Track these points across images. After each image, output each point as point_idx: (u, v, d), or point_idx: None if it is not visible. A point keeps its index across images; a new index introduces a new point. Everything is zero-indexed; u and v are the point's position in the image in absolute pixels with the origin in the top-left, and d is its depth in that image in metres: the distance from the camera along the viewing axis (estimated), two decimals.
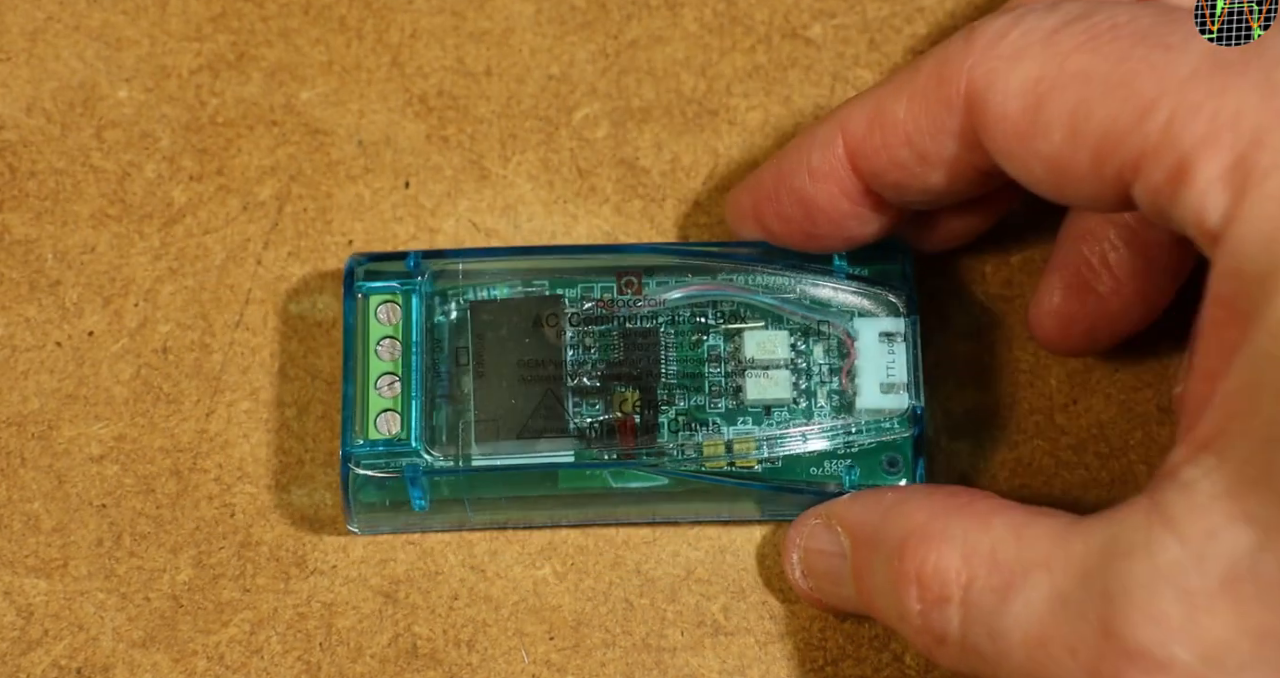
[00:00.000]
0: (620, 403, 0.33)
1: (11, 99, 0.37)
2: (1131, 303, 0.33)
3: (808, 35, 0.37)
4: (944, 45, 0.30)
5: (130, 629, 0.33)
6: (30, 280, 0.35)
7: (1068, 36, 0.27)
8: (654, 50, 0.37)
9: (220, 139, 0.36)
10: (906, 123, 0.30)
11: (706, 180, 0.36)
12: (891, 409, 0.33)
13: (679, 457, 0.33)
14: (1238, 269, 0.25)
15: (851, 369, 0.33)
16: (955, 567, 0.28)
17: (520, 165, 0.36)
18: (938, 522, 0.29)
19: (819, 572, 0.32)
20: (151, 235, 0.36)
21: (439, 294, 0.34)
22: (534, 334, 0.33)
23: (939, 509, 0.29)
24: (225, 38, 0.37)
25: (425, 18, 0.37)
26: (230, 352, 0.35)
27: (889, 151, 0.31)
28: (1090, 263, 0.33)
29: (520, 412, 0.33)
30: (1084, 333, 0.33)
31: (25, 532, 0.34)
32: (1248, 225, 0.25)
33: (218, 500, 0.34)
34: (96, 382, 0.35)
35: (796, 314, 0.34)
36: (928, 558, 0.28)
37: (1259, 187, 0.24)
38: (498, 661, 0.33)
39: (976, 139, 0.29)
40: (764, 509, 0.34)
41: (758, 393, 0.33)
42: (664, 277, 0.34)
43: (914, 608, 0.29)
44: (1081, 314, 0.33)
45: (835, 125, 0.32)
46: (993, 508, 0.29)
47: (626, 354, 0.33)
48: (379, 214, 0.36)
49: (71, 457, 0.34)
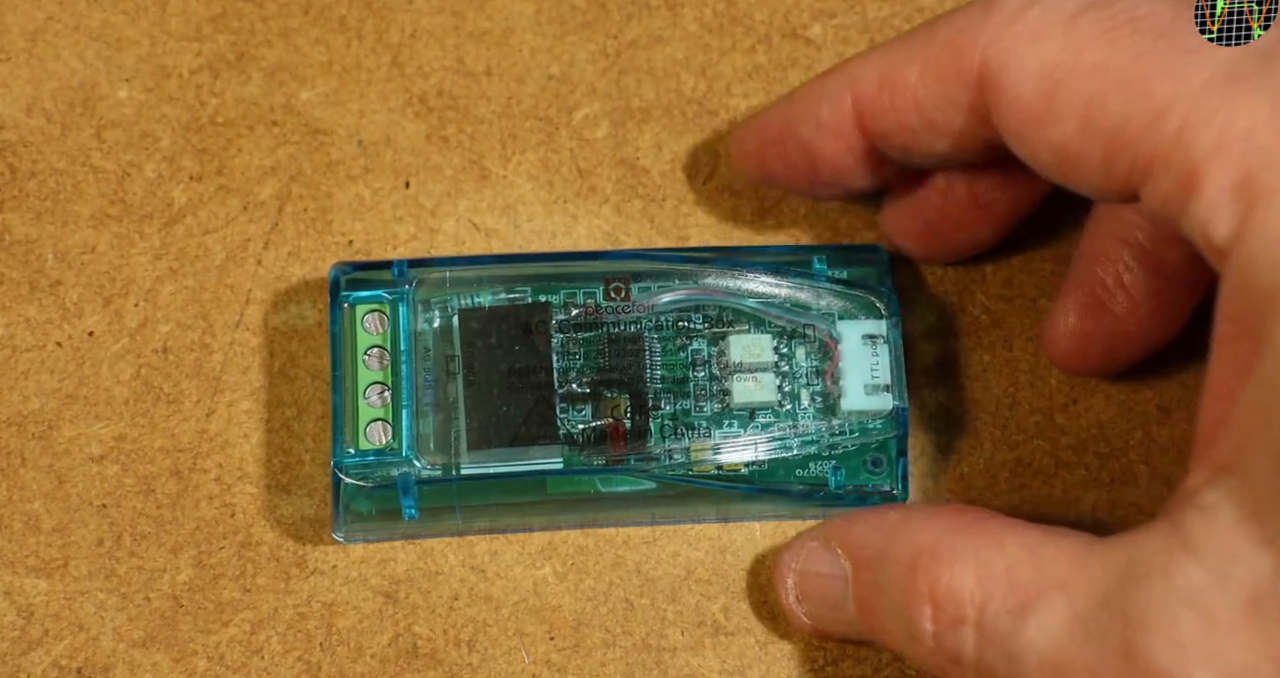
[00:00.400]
0: (611, 409, 0.33)
1: (11, 99, 0.37)
2: (1148, 323, 0.33)
3: (808, 35, 0.37)
4: (961, 13, 0.30)
5: (130, 629, 0.33)
6: (30, 280, 0.35)
7: (1088, 23, 0.27)
8: (654, 50, 0.37)
9: (220, 139, 0.36)
10: (917, 89, 0.30)
11: (706, 180, 0.36)
12: (876, 410, 0.33)
13: (667, 461, 0.33)
14: (1246, 286, 0.25)
15: (835, 372, 0.33)
16: (970, 587, 0.28)
17: (520, 165, 0.36)
18: (948, 540, 0.28)
19: (816, 596, 0.32)
20: (152, 235, 0.36)
21: (422, 302, 0.34)
22: (523, 341, 0.33)
23: (948, 528, 0.29)
24: (225, 38, 0.37)
25: (425, 18, 0.37)
26: (230, 352, 0.35)
27: (897, 114, 0.31)
28: (1105, 283, 0.33)
29: (512, 419, 0.33)
30: (1102, 353, 0.33)
31: (25, 532, 0.34)
32: (1255, 243, 0.25)
33: (218, 501, 0.34)
34: (97, 382, 0.35)
35: (780, 318, 0.34)
36: (940, 578, 0.28)
37: (1268, 205, 0.24)
38: (498, 661, 0.33)
39: (987, 114, 0.29)
40: (751, 512, 0.34)
41: (744, 396, 0.33)
42: (648, 282, 0.34)
43: (927, 629, 0.28)
44: (1098, 334, 0.33)
45: (845, 80, 0.32)
46: (1004, 527, 0.28)
47: (614, 360, 0.33)
48: (379, 214, 0.36)
49: (72, 457, 0.34)
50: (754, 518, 0.34)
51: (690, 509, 0.34)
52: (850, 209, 0.36)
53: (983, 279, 0.36)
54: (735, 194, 0.36)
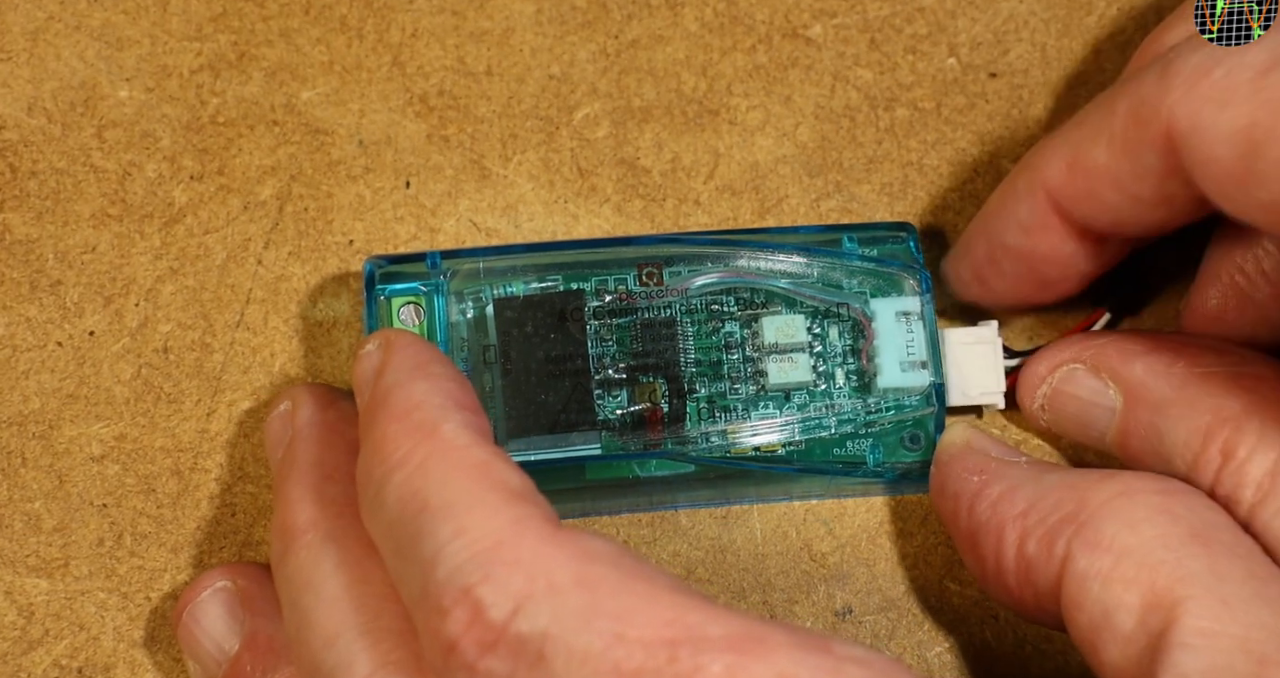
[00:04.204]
0: (648, 393, 0.33)
1: (12, 99, 0.37)
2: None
3: (808, 35, 0.37)
4: (1135, 82, 0.29)
5: (131, 629, 0.34)
6: (31, 280, 0.35)
7: (1278, 80, 0.26)
8: (654, 50, 0.37)
9: (221, 139, 0.36)
10: (1110, 168, 0.29)
11: (707, 180, 0.36)
12: (912, 387, 0.33)
13: (704, 444, 0.33)
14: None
15: (870, 349, 0.33)
16: (1268, 469, 0.28)
17: (521, 165, 0.36)
18: (1255, 418, 0.29)
19: (1068, 414, 0.32)
20: (152, 235, 0.36)
21: (455, 293, 0.34)
22: (558, 329, 0.33)
23: (1252, 406, 0.29)
24: (226, 37, 0.37)
25: (426, 17, 0.37)
26: (231, 352, 0.35)
27: (1098, 197, 0.30)
28: (1245, 271, 0.32)
29: (551, 406, 0.33)
30: (1245, 342, 0.33)
31: (26, 532, 0.34)
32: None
33: (219, 500, 0.34)
34: (97, 382, 0.35)
35: (813, 298, 0.34)
36: (1238, 451, 0.29)
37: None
38: None
39: (1188, 178, 0.28)
40: (790, 491, 0.34)
41: (780, 377, 0.33)
42: (680, 266, 0.34)
43: (1205, 481, 0.29)
44: (1240, 323, 0.33)
45: (1033, 175, 0.31)
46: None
47: (648, 345, 0.33)
48: (380, 214, 0.36)
49: (72, 456, 0.34)
50: (793, 498, 0.34)
51: (729, 491, 0.34)
52: (851, 209, 0.36)
53: None
54: (735, 194, 0.36)
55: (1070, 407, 0.32)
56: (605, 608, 0.24)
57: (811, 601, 0.34)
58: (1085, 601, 0.28)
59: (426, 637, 0.25)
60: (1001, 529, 0.30)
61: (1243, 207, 0.27)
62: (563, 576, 0.24)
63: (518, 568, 0.24)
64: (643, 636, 0.24)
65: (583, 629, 0.24)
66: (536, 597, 0.24)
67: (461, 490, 0.25)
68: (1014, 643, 0.34)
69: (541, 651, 0.24)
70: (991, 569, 0.30)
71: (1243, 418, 0.29)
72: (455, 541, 0.25)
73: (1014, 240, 0.32)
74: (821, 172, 0.36)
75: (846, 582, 0.34)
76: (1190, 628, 0.26)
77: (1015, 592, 0.30)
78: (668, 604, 0.24)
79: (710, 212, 0.36)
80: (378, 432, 0.27)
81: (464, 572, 0.24)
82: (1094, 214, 0.30)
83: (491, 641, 0.24)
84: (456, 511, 0.25)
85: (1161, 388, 0.31)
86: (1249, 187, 0.27)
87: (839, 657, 0.24)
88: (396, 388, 0.27)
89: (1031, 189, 0.31)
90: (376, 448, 0.27)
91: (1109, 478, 0.29)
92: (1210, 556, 0.27)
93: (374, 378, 0.28)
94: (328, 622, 0.27)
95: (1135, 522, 0.28)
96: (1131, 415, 0.31)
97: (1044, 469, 0.31)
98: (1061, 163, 0.30)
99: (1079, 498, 0.29)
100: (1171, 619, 0.26)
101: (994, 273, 0.33)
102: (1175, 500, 0.28)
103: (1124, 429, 0.31)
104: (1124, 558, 0.27)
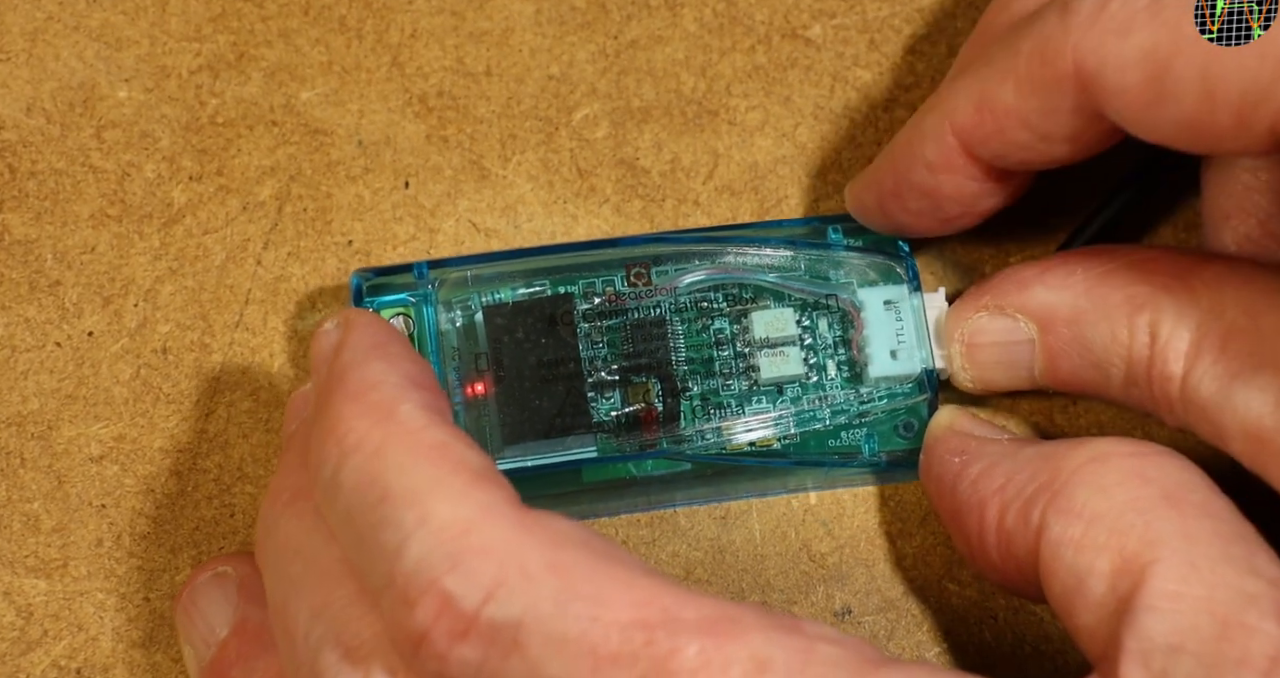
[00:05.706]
0: (641, 394, 0.33)
1: (11, 99, 0.37)
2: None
3: (808, 35, 0.37)
4: (1038, 24, 0.29)
5: (130, 630, 0.33)
6: (30, 280, 0.35)
7: (1171, 2, 0.27)
8: (654, 50, 0.37)
9: (220, 139, 0.36)
10: (1018, 107, 0.30)
11: (706, 181, 0.36)
12: (904, 375, 0.33)
13: (700, 442, 0.33)
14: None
15: (860, 339, 0.33)
16: (1189, 341, 0.29)
17: (520, 165, 0.36)
18: (1165, 294, 0.30)
19: (991, 363, 0.33)
20: (151, 235, 0.36)
21: (443, 302, 0.34)
22: (549, 334, 0.33)
23: (1163, 285, 0.30)
24: (225, 38, 0.37)
25: (425, 18, 0.37)
26: (230, 352, 0.35)
27: (1005, 135, 0.30)
28: (1250, 236, 0.32)
29: (545, 411, 0.33)
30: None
31: (25, 532, 0.34)
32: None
33: (217, 501, 0.34)
34: (96, 382, 0.35)
35: (801, 290, 0.34)
36: (1163, 322, 0.29)
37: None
38: None
39: (1096, 110, 0.29)
40: (787, 484, 0.34)
41: (772, 371, 0.33)
42: (667, 265, 0.34)
43: (1144, 353, 0.30)
44: (1272, 249, 0.32)
45: (940, 116, 0.31)
46: (1225, 271, 0.29)
47: (639, 345, 0.33)
48: (379, 214, 0.36)
49: (71, 457, 0.34)
50: (790, 491, 0.34)
51: (726, 487, 0.34)
52: None
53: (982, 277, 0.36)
54: (735, 194, 0.36)
55: (990, 355, 0.32)
56: (580, 592, 0.24)
57: (810, 601, 0.34)
58: (1059, 568, 0.28)
59: (394, 628, 0.25)
60: (982, 506, 0.30)
61: (1158, 128, 0.28)
62: (535, 561, 0.24)
63: (488, 556, 0.24)
64: (618, 619, 0.24)
65: (558, 615, 0.24)
66: (509, 584, 0.24)
67: (422, 476, 0.25)
68: (1013, 643, 0.34)
69: (516, 638, 0.24)
70: (976, 546, 0.30)
71: (1157, 298, 0.30)
72: (420, 529, 0.24)
73: (920, 178, 0.32)
74: (821, 172, 0.36)
75: (846, 582, 0.34)
76: (1157, 591, 0.26)
77: (999, 566, 0.30)
78: (642, 587, 0.24)
79: (710, 212, 0.36)
80: (333, 411, 0.26)
81: (430, 562, 0.24)
82: (1003, 152, 0.31)
83: (462, 630, 0.24)
84: (419, 497, 0.25)
85: (1069, 299, 0.31)
86: (1161, 107, 0.27)
87: (811, 636, 0.24)
88: (353, 367, 0.27)
89: (939, 130, 0.31)
90: (331, 429, 0.26)
91: (1081, 444, 0.29)
92: (1181, 517, 0.27)
93: (331, 356, 0.28)
94: (317, 591, 0.27)
95: (1107, 486, 0.28)
96: (1051, 337, 0.31)
97: (1022, 444, 0.31)
98: (969, 104, 0.31)
99: (1053, 467, 0.29)
100: (1139, 583, 0.26)
101: (898, 207, 0.33)
102: (1148, 462, 0.28)
103: (1049, 354, 0.32)
104: (1095, 524, 0.28)
